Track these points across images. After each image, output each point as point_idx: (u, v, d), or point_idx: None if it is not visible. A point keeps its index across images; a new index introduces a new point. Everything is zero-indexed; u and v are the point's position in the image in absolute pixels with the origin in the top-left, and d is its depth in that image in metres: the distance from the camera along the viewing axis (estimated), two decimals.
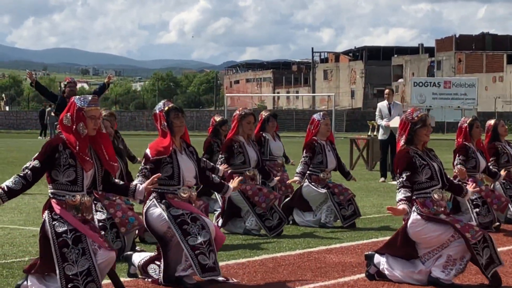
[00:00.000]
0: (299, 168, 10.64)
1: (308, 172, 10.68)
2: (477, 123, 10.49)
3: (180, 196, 7.09)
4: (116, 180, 6.64)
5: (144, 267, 7.12)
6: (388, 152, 18.15)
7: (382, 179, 18.02)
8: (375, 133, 21.15)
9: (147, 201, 7.12)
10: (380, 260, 7.22)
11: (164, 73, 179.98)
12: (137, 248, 7.82)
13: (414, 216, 7.03)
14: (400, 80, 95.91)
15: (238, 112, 10.13)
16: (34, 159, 6.05)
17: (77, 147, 6.04)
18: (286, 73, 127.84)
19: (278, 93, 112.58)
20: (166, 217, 6.95)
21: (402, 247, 7.08)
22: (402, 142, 7.27)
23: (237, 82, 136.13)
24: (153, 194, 7.10)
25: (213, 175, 7.88)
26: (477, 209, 10.22)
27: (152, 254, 7.20)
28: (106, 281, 6.33)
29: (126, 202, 8.86)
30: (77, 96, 6.24)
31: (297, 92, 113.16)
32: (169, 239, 7.02)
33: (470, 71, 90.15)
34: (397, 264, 7.12)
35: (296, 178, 10.59)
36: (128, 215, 8.04)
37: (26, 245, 8.92)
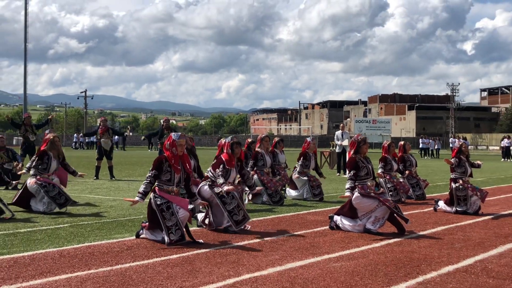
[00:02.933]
0: (299, 169, 10.72)
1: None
2: (392, 144, 10.45)
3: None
4: (194, 187, 6.51)
5: (203, 221, 7.09)
6: (341, 159, 18.09)
7: (338, 174, 17.88)
8: (334, 148, 21.06)
9: (202, 182, 7.09)
10: (337, 218, 7.17)
11: (217, 115, 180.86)
12: (201, 208, 7.78)
13: (356, 194, 6.97)
14: (348, 119, 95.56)
15: (259, 136, 10.32)
16: (152, 170, 6.08)
17: (173, 161, 6.12)
18: (284, 115, 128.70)
19: (280, 126, 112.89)
20: (210, 191, 6.89)
21: (349, 211, 7.01)
22: (352, 152, 7.23)
23: (257, 120, 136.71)
24: (208, 180, 7.05)
25: (245, 177, 7.71)
26: (391, 192, 10.12)
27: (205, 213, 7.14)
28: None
29: None
30: (173, 133, 6.26)
31: (290, 125, 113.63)
32: (211, 202, 6.93)
33: (387, 114, 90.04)
34: (346, 221, 7.04)
35: (297, 175, 10.69)
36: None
37: (141, 209, 8.90)
